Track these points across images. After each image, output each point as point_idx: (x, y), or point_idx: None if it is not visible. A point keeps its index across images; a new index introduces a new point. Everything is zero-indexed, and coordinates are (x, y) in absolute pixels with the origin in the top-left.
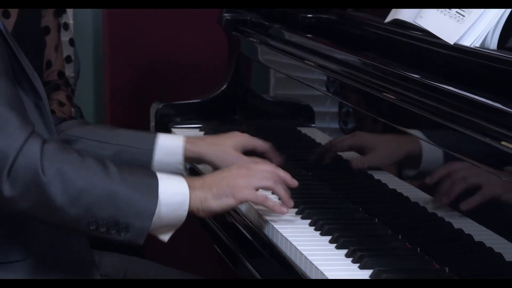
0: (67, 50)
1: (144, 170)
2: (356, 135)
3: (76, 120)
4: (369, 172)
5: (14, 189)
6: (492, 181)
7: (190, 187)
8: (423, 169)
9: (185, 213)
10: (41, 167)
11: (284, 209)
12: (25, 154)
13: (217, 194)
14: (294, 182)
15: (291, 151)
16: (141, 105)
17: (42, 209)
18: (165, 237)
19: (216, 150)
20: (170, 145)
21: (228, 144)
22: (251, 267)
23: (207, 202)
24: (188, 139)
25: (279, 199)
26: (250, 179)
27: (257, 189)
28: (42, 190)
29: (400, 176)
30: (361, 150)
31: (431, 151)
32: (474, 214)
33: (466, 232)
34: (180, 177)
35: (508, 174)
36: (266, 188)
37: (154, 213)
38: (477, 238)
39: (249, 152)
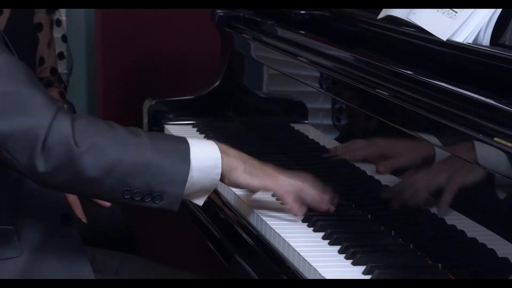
0: (60, 47)
1: (175, 137)
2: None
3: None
4: (362, 168)
5: (48, 164)
6: (485, 178)
7: (223, 151)
8: (416, 165)
9: (218, 177)
10: (74, 141)
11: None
12: (56, 130)
13: (247, 170)
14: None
15: (284, 148)
16: (134, 101)
17: (77, 182)
18: (200, 201)
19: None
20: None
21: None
22: (244, 264)
23: (236, 171)
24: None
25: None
26: (278, 173)
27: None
28: (77, 163)
29: (393, 173)
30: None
31: (424, 148)
32: (467, 211)
33: (459, 228)
34: (212, 142)
35: (501, 171)
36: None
37: (187, 179)
38: (470, 234)
39: None
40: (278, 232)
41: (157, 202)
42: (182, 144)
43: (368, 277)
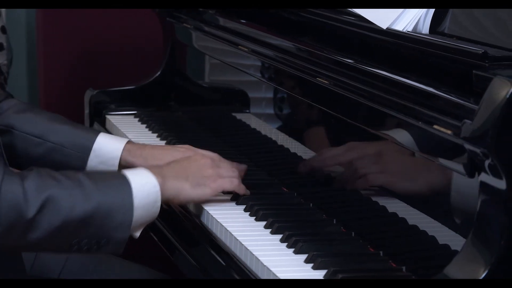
0: None
1: (115, 175)
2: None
3: (17, 103)
4: (304, 157)
5: None
6: (425, 165)
7: (161, 176)
8: (357, 153)
9: (158, 210)
10: (25, 206)
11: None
12: (4, 195)
13: (194, 184)
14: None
15: (226, 137)
16: (76, 92)
17: (25, 245)
18: (137, 234)
19: (153, 165)
20: (107, 153)
21: (167, 159)
22: (187, 255)
23: (185, 192)
24: (127, 146)
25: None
26: (218, 169)
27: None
28: (27, 227)
29: (334, 161)
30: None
31: (364, 136)
32: (408, 198)
33: (400, 216)
34: (149, 173)
35: (440, 158)
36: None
37: (132, 222)
38: (411, 221)
39: None
40: (220, 221)
41: (103, 248)
42: (124, 184)
43: (310, 265)
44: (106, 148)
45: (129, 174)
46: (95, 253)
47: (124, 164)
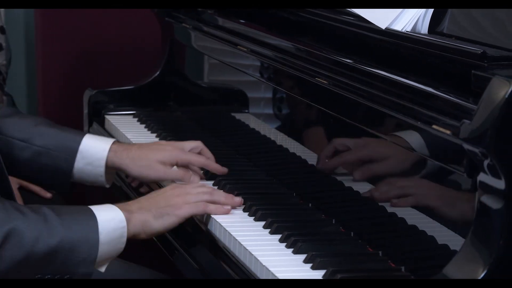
0: None
1: (81, 210)
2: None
3: (3, 108)
4: (303, 157)
5: None
6: (424, 165)
7: (127, 211)
8: (357, 154)
9: (123, 245)
10: None
11: (227, 207)
12: None
13: (157, 215)
14: (231, 200)
15: (225, 137)
16: (75, 92)
17: None
18: (103, 269)
19: (140, 165)
20: (93, 154)
21: (154, 159)
22: (187, 256)
23: (148, 224)
24: (113, 147)
25: None
26: (186, 196)
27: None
28: None
29: (335, 162)
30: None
31: (364, 136)
32: (408, 198)
33: (399, 216)
34: (116, 208)
35: (439, 158)
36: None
37: (96, 257)
38: (410, 221)
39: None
40: (219, 221)
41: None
42: (90, 219)
43: (309, 265)
44: (92, 149)
45: (95, 209)
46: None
47: (111, 165)
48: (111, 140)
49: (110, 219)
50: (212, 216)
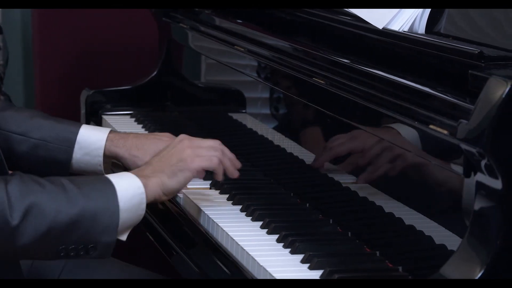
0: None
1: (99, 179)
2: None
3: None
4: (301, 157)
5: None
6: (422, 165)
7: (143, 176)
8: (354, 153)
9: (143, 211)
10: (9, 212)
11: (236, 173)
12: None
13: (171, 173)
14: (237, 163)
15: (223, 137)
16: (72, 92)
17: (12, 251)
18: (124, 237)
19: (135, 155)
20: (91, 143)
21: (150, 150)
22: (185, 256)
23: (165, 185)
24: (110, 136)
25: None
26: (197, 149)
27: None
28: (12, 234)
29: (331, 161)
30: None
31: (361, 136)
32: (405, 198)
33: (396, 216)
34: (132, 175)
35: (437, 158)
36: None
37: (118, 225)
38: (407, 221)
39: None
40: (217, 221)
41: (91, 253)
42: (108, 187)
43: (306, 265)
44: (90, 139)
45: (113, 177)
46: (83, 258)
47: (108, 154)
48: (107, 130)
49: (128, 186)
50: (210, 216)
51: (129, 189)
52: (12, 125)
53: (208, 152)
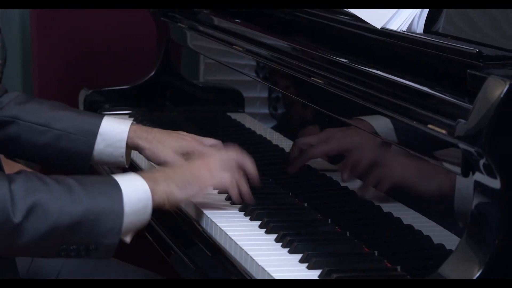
0: None
1: (106, 181)
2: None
3: (18, 95)
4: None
5: None
6: (420, 165)
7: (152, 181)
8: (352, 153)
9: (148, 216)
10: (12, 210)
11: (250, 198)
12: None
13: (181, 184)
14: (256, 176)
15: (221, 137)
16: (70, 92)
17: (15, 248)
18: (128, 239)
19: (155, 148)
20: (114, 135)
21: (170, 145)
22: (182, 254)
23: (172, 194)
24: (133, 128)
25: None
26: (213, 172)
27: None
28: (13, 231)
29: (330, 161)
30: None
31: (360, 136)
32: (403, 198)
33: (395, 216)
34: (140, 179)
35: (435, 157)
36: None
37: (121, 228)
38: (405, 221)
39: None
40: (215, 221)
41: (92, 253)
42: (115, 189)
43: (304, 265)
44: (112, 131)
45: (120, 179)
46: (83, 258)
47: (130, 145)
48: (129, 122)
49: (135, 190)
50: (208, 216)
51: (136, 193)
52: (35, 116)
53: (220, 177)
